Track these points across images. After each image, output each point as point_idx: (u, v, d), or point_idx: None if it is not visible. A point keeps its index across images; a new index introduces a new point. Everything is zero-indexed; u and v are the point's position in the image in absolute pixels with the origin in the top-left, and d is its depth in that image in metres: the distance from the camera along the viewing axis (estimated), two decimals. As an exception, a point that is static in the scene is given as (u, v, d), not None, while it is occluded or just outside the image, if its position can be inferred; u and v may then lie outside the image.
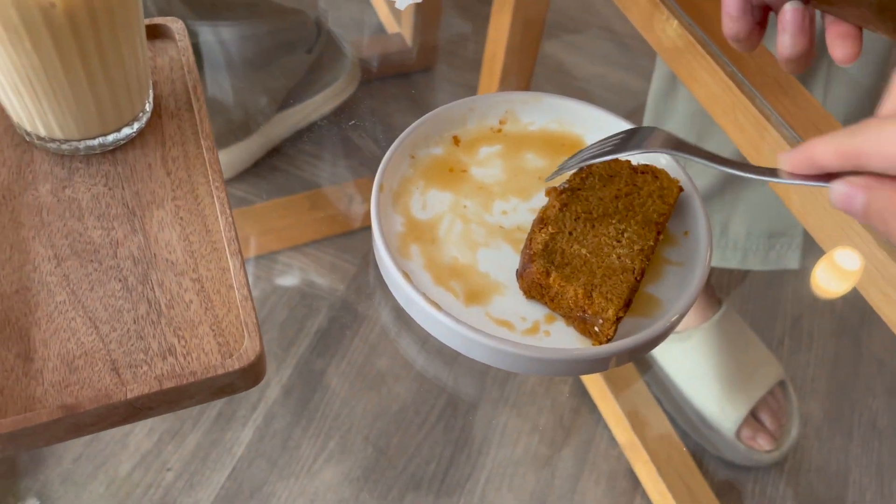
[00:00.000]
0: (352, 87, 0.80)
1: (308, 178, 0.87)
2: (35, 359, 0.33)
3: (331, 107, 0.78)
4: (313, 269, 0.84)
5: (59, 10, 0.33)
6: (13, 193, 0.38)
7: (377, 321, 0.81)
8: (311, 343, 0.83)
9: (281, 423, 0.77)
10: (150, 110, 0.42)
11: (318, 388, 0.79)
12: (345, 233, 0.87)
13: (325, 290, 0.86)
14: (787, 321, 0.86)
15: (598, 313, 0.35)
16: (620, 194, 0.39)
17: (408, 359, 0.71)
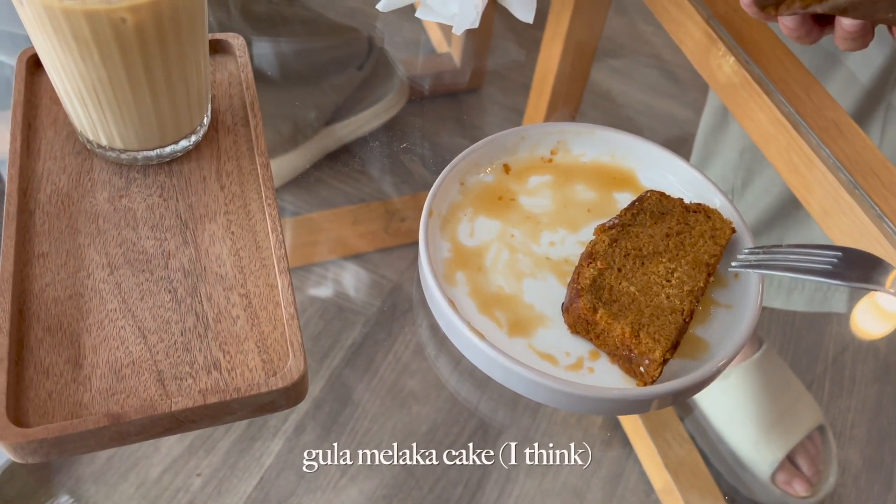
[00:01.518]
0: (400, 104, 0.81)
1: (351, 193, 0.87)
2: (84, 365, 0.34)
3: (378, 123, 0.79)
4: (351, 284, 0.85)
5: (129, 25, 0.34)
6: (72, 200, 0.39)
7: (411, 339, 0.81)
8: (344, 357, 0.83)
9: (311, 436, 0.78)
10: (207, 124, 0.42)
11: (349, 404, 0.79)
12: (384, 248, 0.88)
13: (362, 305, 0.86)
14: (827, 363, 0.84)
15: (645, 354, 0.35)
16: (672, 232, 0.39)
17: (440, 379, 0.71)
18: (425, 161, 0.67)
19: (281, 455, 0.73)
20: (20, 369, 0.33)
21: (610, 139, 0.44)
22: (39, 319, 0.35)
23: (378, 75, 0.82)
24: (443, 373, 0.62)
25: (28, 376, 0.33)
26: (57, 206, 0.39)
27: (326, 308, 0.84)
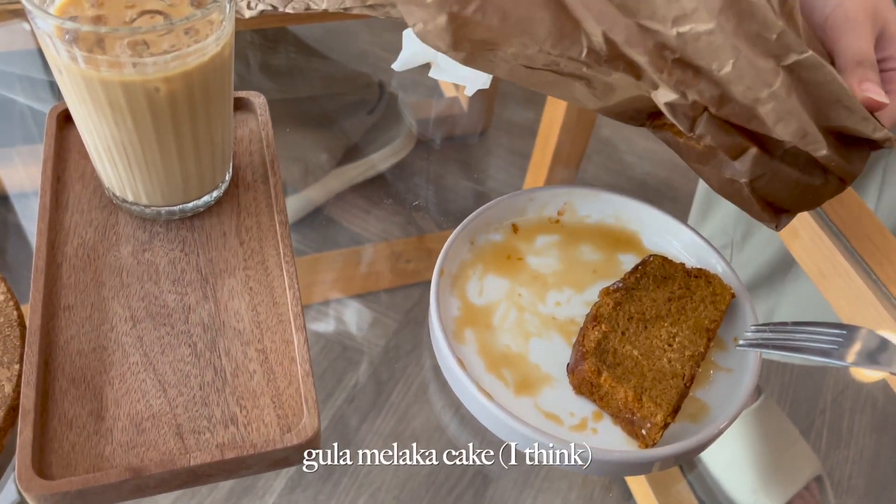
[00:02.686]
0: (408, 148, 0.83)
1: (358, 233, 0.89)
2: (106, 417, 0.35)
3: (386, 166, 0.81)
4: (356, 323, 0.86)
5: (162, 94, 0.36)
6: (97, 253, 0.41)
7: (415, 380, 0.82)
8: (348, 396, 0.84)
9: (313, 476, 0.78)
10: (228, 180, 0.44)
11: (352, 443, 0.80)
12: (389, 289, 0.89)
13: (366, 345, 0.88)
14: (826, 414, 0.85)
15: (647, 417, 0.36)
16: (674, 297, 0.40)
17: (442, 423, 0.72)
18: (431, 204, 0.69)
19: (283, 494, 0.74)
20: (44, 420, 0.35)
21: (615, 202, 0.46)
22: (64, 371, 0.36)
23: (387, 119, 0.85)
24: (445, 415, 0.63)
25: (52, 428, 0.34)
26: (83, 259, 0.40)
27: (331, 347, 0.85)
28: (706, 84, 0.36)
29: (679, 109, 0.38)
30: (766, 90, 0.36)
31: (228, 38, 0.37)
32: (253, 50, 0.65)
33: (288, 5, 0.54)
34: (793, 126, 0.37)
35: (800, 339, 0.37)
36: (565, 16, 0.35)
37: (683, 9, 0.34)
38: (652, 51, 0.35)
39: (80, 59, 0.33)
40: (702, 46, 0.35)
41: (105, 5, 0.36)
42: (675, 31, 0.35)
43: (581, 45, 0.36)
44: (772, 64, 0.36)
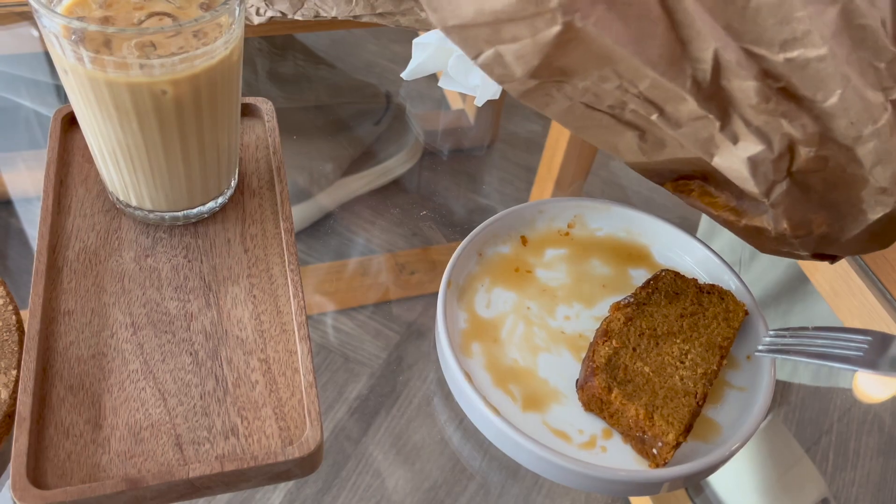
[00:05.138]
0: (414, 159, 0.82)
1: (362, 244, 0.89)
2: (104, 426, 0.34)
3: (391, 177, 0.80)
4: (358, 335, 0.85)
5: (168, 97, 0.35)
6: (99, 258, 0.40)
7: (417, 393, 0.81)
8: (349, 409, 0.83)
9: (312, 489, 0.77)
10: (234, 186, 0.43)
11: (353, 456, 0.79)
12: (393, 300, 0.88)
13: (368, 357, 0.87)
14: (832, 436, 0.84)
15: (658, 436, 0.35)
16: (686, 313, 0.40)
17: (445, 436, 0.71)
18: (437, 215, 0.68)
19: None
20: (41, 428, 0.34)
21: (626, 216, 0.45)
22: (62, 378, 0.35)
23: (394, 130, 0.84)
24: (448, 429, 0.62)
25: (48, 436, 0.34)
26: (84, 263, 0.39)
27: (332, 358, 0.84)
28: (808, 118, 0.33)
29: (760, 168, 0.34)
30: (871, 126, 0.32)
31: (237, 42, 0.36)
32: (261, 57, 0.65)
33: (297, 12, 0.54)
34: (890, 170, 0.33)
35: (821, 346, 0.36)
36: (675, 35, 0.32)
37: (794, 31, 0.31)
38: (758, 75, 0.32)
39: (86, 59, 0.33)
40: (809, 74, 0.32)
41: (113, 6, 0.36)
42: (783, 56, 0.32)
43: (686, 75, 0.33)
44: (880, 97, 0.32)
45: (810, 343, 0.37)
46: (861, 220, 0.35)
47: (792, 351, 0.37)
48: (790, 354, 0.37)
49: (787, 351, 0.37)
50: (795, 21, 0.31)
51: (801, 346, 0.37)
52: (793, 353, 0.37)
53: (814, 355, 0.36)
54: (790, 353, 0.37)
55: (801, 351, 0.36)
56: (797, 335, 0.37)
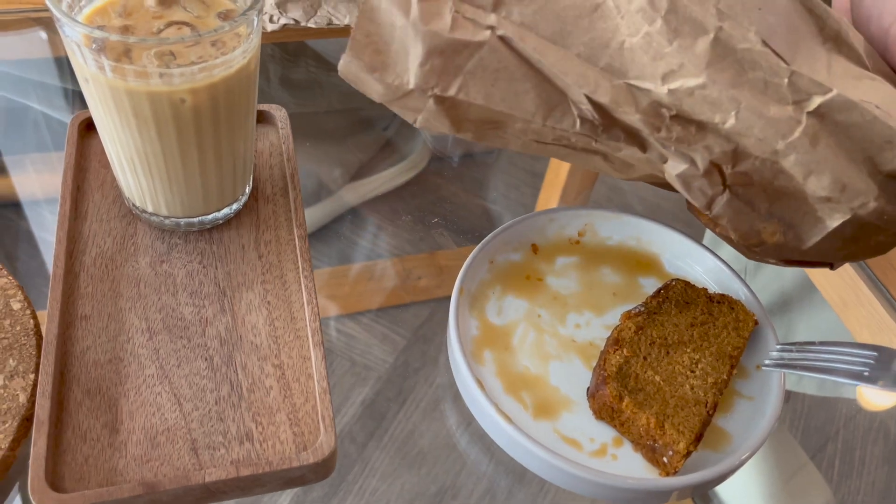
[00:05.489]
0: (422, 164, 0.83)
1: (370, 248, 0.89)
2: (121, 430, 0.35)
3: (399, 182, 0.80)
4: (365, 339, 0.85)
5: (187, 105, 0.35)
6: (115, 264, 0.40)
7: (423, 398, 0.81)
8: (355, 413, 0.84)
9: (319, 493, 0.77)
10: (248, 193, 0.44)
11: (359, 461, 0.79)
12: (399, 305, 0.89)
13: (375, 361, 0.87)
14: (838, 444, 0.84)
15: (669, 445, 0.35)
16: (696, 322, 0.40)
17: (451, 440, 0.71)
18: (444, 220, 0.68)
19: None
20: (59, 432, 0.34)
21: (636, 225, 0.46)
22: (80, 382, 0.36)
23: (402, 135, 0.85)
24: (454, 433, 0.62)
25: (66, 440, 0.34)
26: (101, 268, 0.40)
27: (339, 362, 0.84)
28: (714, 138, 0.34)
29: (693, 183, 0.35)
30: (782, 141, 0.33)
31: (255, 52, 0.37)
32: (273, 63, 0.65)
33: (310, 20, 0.54)
34: (826, 179, 0.33)
35: (828, 361, 0.36)
36: (549, 85, 0.34)
37: (670, 65, 0.33)
38: (646, 109, 0.33)
39: (107, 68, 0.33)
40: (697, 101, 0.33)
41: (132, 15, 0.36)
42: (666, 87, 0.33)
43: (573, 116, 0.34)
44: (789, 111, 0.33)
45: (816, 358, 0.37)
46: (820, 228, 0.35)
47: (798, 366, 0.37)
48: (796, 369, 0.37)
49: (794, 365, 0.37)
50: (668, 56, 0.33)
51: (807, 360, 0.37)
52: (799, 367, 0.37)
53: (819, 370, 0.36)
54: (796, 367, 0.37)
55: (807, 366, 0.37)
56: (803, 349, 0.38)
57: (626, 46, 0.33)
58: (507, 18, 0.33)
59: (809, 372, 0.37)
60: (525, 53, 0.33)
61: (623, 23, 0.33)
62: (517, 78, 0.33)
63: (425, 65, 0.33)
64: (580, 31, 0.33)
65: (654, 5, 0.32)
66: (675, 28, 0.32)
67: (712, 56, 0.32)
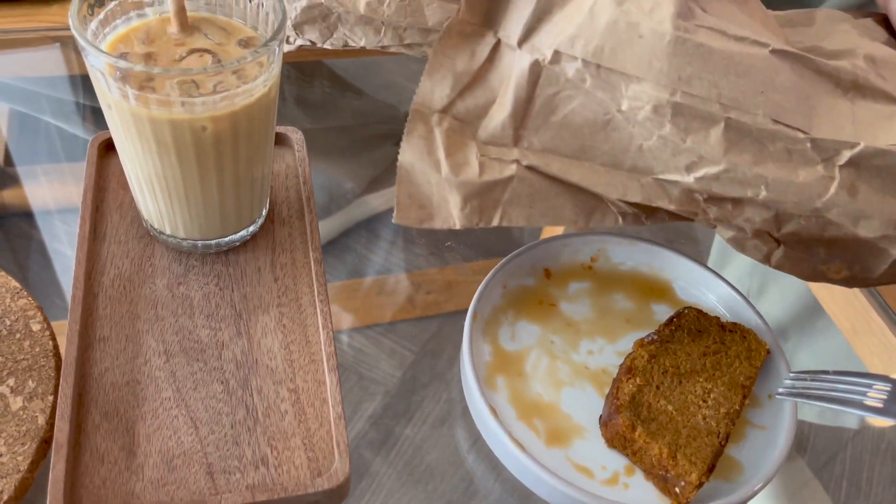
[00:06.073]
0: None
1: (379, 262, 0.89)
2: (137, 453, 0.35)
3: (409, 197, 0.81)
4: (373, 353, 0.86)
5: (208, 133, 0.36)
6: (133, 285, 0.41)
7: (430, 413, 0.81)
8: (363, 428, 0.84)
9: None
10: (265, 215, 0.44)
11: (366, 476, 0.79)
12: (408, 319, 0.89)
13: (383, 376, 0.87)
14: (846, 464, 0.84)
15: (682, 476, 0.35)
16: (708, 352, 0.40)
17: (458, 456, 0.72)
18: (453, 235, 0.69)
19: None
20: (77, 454, 0.34)
21: (648, 251, 0.46)
22: (98, 404, 0.36)
23: (413, 150, 0.85)
24: (462, 450, 0.62)
25: (84, 462, 0.34)
26: (119, 290, 0.40)
27: (347, 376, 0.84)
28: (752, 209, 0.35)
29: (746, 244, 0.36)
30: (819, 200, 0.34)
31: (275, 80, 0.37)
32: (289, 83, 0.66)
33: (327, 41, 0.55)
34: (876, 221, 0.34)
35: (842, 391, 0.36)
36: (584, 194, 0.36)
37: (690, 157, 0.34)
38: (679, 198, 0.35)
39: (130, 96, 0.34)
40: (724, 183, 0.34)
41: (155, 42, 0.37)
42: (692, 177, 0.34)
43: (614, 214, 0.36)
44: (819, 171, 0.34)
45: (830, 388, 0.37)
46: (885, 258, 0.36)
47: (812, 395, 0.37)
48: (810, 399, 0.37)
49: (807, 395, 0.38)
50: (686, 151, 0.34)
51: (821, 390, 0.37)
52: (812, 397, 0.37)
53: (833, 400, 0.36)
54: (810, 397, 0.37)
55: (821, 395, 0.37)
56: (817, 379, 0.38)
57: (645, 148, 0.35)
58: (530, 149, 0.36)
59: (823, 402, 0.37)
60: (552, 175, 0.36)
61: (636, 131, 0.34)
62: (551, 196, 0.36)
63: (465, 208, 0.36)
64: (598, 144, 0.35)
65: (659, 112, 0.34)
66: (684, 127, 0.34)
67: (727, 143, 0.34)
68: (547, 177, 0.36)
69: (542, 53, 0.35)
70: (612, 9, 0.33)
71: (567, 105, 0.35)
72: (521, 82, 0.35)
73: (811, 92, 0.34)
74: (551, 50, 0.35)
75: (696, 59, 0.33)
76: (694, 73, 0.33)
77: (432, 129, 0.36)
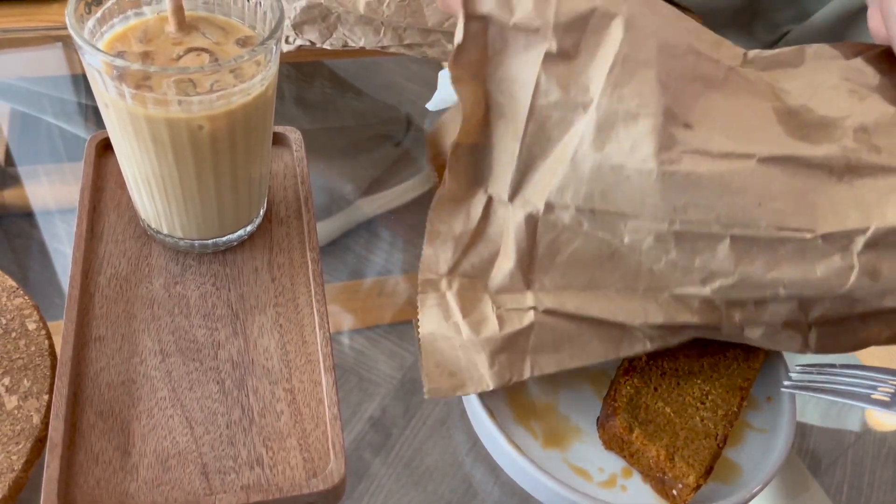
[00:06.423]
0: (432, 180, 0.83)
1: (379, 264, 0.89)
2: (132, 453, 0.35)
3: (410, 197, 0.81)
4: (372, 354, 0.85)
5: (205, 132, 0.36)
6: (130, 284, 0.41)
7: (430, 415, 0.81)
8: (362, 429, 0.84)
9: (325, 509, 0.77)
10: (262, 215, 0.44)
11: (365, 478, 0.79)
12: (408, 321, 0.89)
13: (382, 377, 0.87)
14: (847, 468, 0.83)
15: (679, 478, 0.35)
16: (706, 354, 0.40)
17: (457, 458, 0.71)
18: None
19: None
20: (71, 454, 0.34)
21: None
22: (93, 404, 0.36)
23: (413, 152, 0.85)
24: (460, 452, 0.62)
25: (78, 462, 0.34)
26: (115, 289, 0.40)
27: (346, 378, 0.84)
28: (776, 305, 0.35)
29: (776, 337, 0.36)
30: (843, 287, 0.33)
31: (273, 79, 0.37)
32: (288, 83, 0.66)
33: (326, 41, 0.55)
34: None
35: (849, 385, 0.36)
36: (607, 326, 0.36)
37: (703, 273, 0.34)
38: (699, 309, 0.35)
39: (127, 95, 0.34)
40: (742, 289, 0.34)
41: (153, 41, 0.37)
42: (709, 288, 0.34)
43: (642, 340, 0.36)
44: (837, 261, 0.33)
45: (837, 381, 0.37)
46: None
47: (818, 388, 0.37)
48: (816, 392, 0.37)
49: (814, 388, 0.37)
50: (697, 270, 0.34)
51: (828, 383, 0.37)
52: (819, 390, 0.37)
53: (841, 394, 0.36)
54: (816, 390, 0.37)
55: (828, 389, 0.36)
56: (824, 372, 0.38)
57: (656, 270, 0.35)
58: (542, 290, 0.36)
59: (829, 395, 0.36)
60: (571, 314, 0.36)
61: (643, 258, 0.35)
62: (575, 335, 0.36)
63: (494, 366, 0.36)
64: (608, 273, 0.35)
65: (661, 240, 0.34)
66: (690, 249, 0.34)
67: (737, 255, 0.34)
68: (566, 316, 0.36)
69: (534, 206, 0.35)
70: (594, 154, 0.33)
71: (569, 246, 0.35)
72: (521, 234, 0.35)
73: (807, 189, 0.33)
74: (542, 202, 0.34)
75: (687, 188, 0.33)
76: (688, 201, 0.33)
77: (444, 294, 0.37)
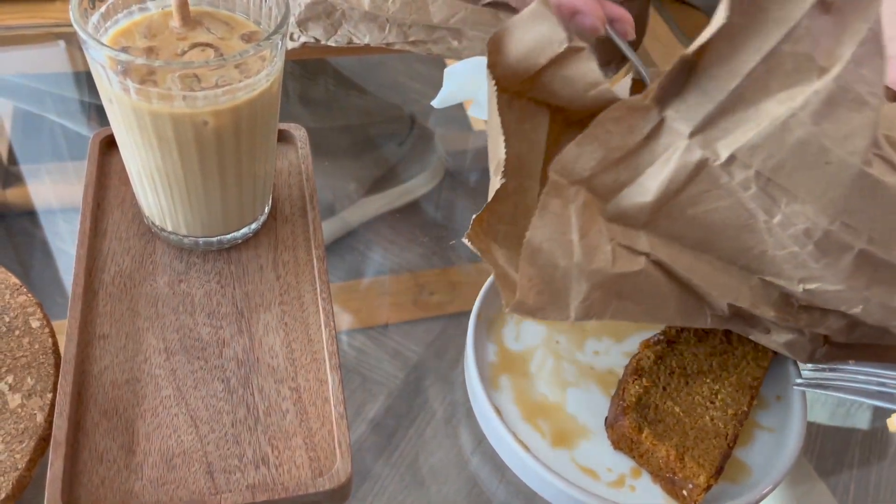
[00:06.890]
0: (436, 179, 0.83)
1: (382, 263, 0.89)
2: (137, 452, 0.34)
3: (413, 197, 0.81)
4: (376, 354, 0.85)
5: (209, 128, 0.35)
6: (134, 282, 0.40)
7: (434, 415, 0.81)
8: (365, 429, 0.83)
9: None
10: (267, 212, 0.44)
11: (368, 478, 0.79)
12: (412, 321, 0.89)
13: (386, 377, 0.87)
14: (853, 469, 0.83)
15: (689, 478, 0.35)
16: (715, 353, 0.40)
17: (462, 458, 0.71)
18: (457, 236, 0.68)
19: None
20: (75, 453, 0.34)
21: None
22: (97, 402, 0.36)
23: (417, 151, 0.85)
24: (465, 451, 0.62)
25: (82, 460, 0.34)
26: (119, 287, 0.40)
27: (350, 377, 0.84)
28: (835, 319, 0.35)
29: (796, 346, 0.37)
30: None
31: (278, 74, 0.37)
32: (293, 80, 0.65)
33: (331, 38, 0.54)
34: None
35: (863, 382, 0.36)
36: (690, 296, 0.35)
37: (811, 273, 0.33)
38: (777, 301, 0.35)
39: (131, 90, 0.33)
40: (830, 298, 0.34)
41: (157, 37, 0.36)
42: (802, 287, 0.34)
43: (706, 316, 0.36)
44: None
45: (851, 378, 0.36)
46: None
47: (831, 386, 0.36)
48: (829, 390, 0.37)
49: (827, 386, 0.37)
50: (810, 268, 0.33)
51: (841, 381, 0.37)
52: (832, 388, 0.36)
53: (854, 391, 0.36)
54: (829, 388, 0.37)
55: (841, 387, 0.36)
56: (837, 370, 0.37)
57: (769, 256, 0.34)
58: (655, 233, 0.34)
59: (843, 393, 0.36)
60: (676, 273, 0.34)
61: (770, 240, 0.33)
62: (665, 294, 0.35)
63: (586, 300, 0.33)
64: (725, 241, 0.34)
65: (809, 234, 0.32)
66: (823, 250, 0.33)
67: (854, 268, 0.33)
68: (671, 275, 0.34)
69: (715, 153, 0.32)
70: (809, 127, 0.31)
71: (712, 203, 0.33)
72: (681, 174, 0.33)
73: None
74: (728, 152, 0.32)
75: (867, 193, 0.31)
76: (859, 207, 0.32)
77: (567, 204, 0.33)
